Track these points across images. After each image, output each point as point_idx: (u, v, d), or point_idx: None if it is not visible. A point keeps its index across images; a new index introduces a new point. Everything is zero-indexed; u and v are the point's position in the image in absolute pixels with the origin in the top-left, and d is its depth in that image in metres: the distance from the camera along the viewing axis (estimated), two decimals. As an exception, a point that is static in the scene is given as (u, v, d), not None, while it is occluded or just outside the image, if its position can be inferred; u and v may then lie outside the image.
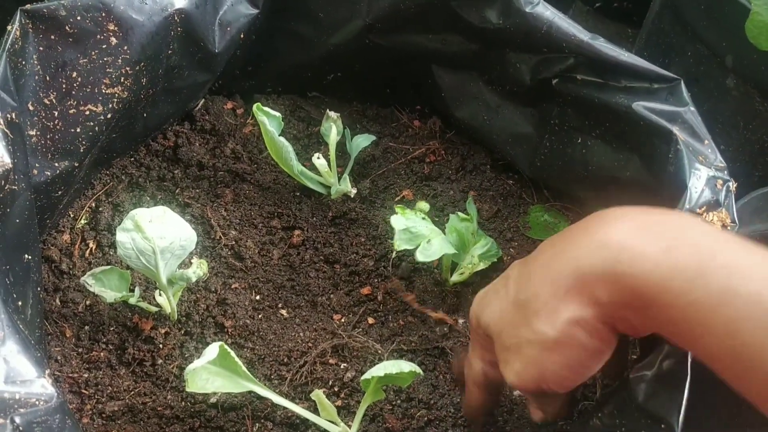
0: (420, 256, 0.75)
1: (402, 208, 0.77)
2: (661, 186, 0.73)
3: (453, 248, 0.78)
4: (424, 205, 0.85)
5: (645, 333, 0.50)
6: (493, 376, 0.61)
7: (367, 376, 0.65)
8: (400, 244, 0.75)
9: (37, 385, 0.50)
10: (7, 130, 0.61)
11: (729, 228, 0.67)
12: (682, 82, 0.75)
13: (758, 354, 0.43)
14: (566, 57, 0.80)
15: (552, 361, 0.52)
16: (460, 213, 0.82)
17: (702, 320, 0.45)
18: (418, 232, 0.76)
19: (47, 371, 0.51)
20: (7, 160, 0.60)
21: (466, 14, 0.85)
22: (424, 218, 0.78)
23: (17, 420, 0.47)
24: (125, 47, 0.73)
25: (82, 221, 0.83)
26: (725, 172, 0.71)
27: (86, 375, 0.73)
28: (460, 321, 0.80)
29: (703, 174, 0.69)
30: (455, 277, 0.82)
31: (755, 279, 0.43)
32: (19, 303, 0.59)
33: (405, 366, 0.64)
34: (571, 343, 0.51)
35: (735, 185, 0.71)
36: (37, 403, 0.50)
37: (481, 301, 0.60)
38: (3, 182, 0.59)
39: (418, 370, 0.65)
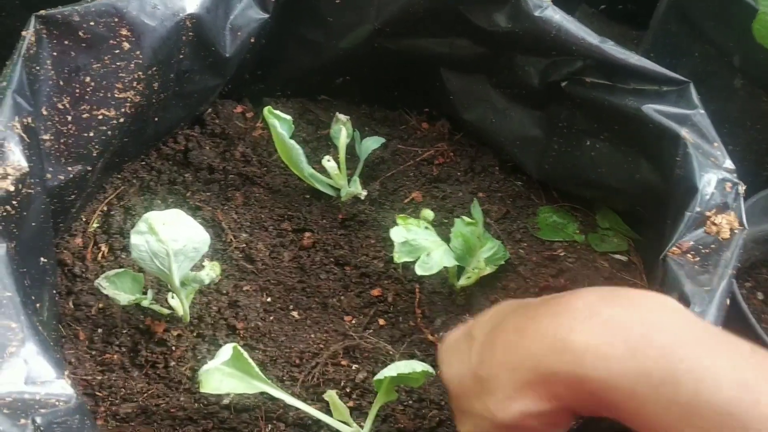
0: (419, 270, 0.75)
1: (404, 219, 0.77)
2: (670, 189, 0.73)
3: (454, 260, 0.78)
4: (428, 213, 0.86)
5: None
6: None
7: (379, 376, 0.65)
8: (399, 256, 0.76)
9: (56, 386, 0.51)
10: (23, 135, 0.61)
11: (737, 231, 0.68)
12: (692, 84, 0.76)
13: None
14: (575, 60, 0.81)
15: None
16: (465, 217, 0.82)
17: (670, 427, 0.42)
18: (418, 244, 0.76)
19: (66, 372, 0.52)
20: (24, 164, 0.60)
21: (474, 18, 0.85)
22: (427, 227, 0.79)
23: (38, 420, 0.48)
24: (138, 52, 0.74)
25: (95, 225, 0.84)
26: (734, 174, 0.71)
27: (100, 377, 0.73)
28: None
29: (713, 177, 0.69)
30: (462, 281, 0.82)
31: (725, 387, 0.41)
32: (37, 305, 0.60)
33: (417, 366, 0.65)
34: (523, 429, 0.50)
35: (744, 188, 0.71)
36: (57, 403, 0.50)
37: (444, 354, 0.59)
38: (20, 186, 0.60)
39: (431, 370, 0.65)
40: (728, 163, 0.70)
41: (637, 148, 0.79)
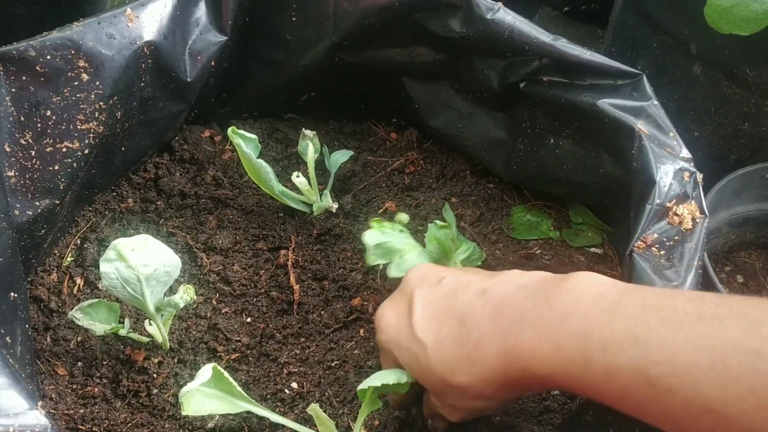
0: (394, 272, 0.74)
1: (379, 222, 0.77)
2: (630, 182, 0.74)
3: (429, 261, 0.77)
4: (403, 217, 0.85)
5: None
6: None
7: (363, 386, 0.65)
8: (372, 259, 0.75)
9: (30, 417, 0.51)
10: (-16, 172, 0.61)
11: (699, 220, 0.68)
12: (645, 76, 0.76)
13: (652, 410, 0.48)
14: (531, 60, 0.81)
15: (490, 411, 0.65)
16: (437, 221, 0.82)
17: (602, 393, 0.51)
18: (392, 246, 0.75)
19: (39, 403, 0.52)
20: (-14, 200, 0.60)
21: (430, 25, 0.86)
22: (402, 231, 0.78)
23: (11, 452, 0.48)
24: (97, 82, 0.74)
25: (69, 259, 0.83)
26: (691, 163, 0.72)
27: (82, 411, 0.72)
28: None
29: (670, 168, 0.70)
30: (442, 284, 0.82)
31: (626, 350, 0.49)
32: (8, 339, 0.60)
33: (401, 375, 0.64)
34: (506, 404, 0.65)
35: (702, 176, 0.71)
36: (30, 434, 0.50)
37: (396, 341, 0.64)
38: (-17, 222, 0.60)
39: (412, 378, 0.65)
40: (685, 153, 0.71)
41: (598, 143, 0.79)
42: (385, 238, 0.75)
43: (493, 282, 0.60)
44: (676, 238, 0.67)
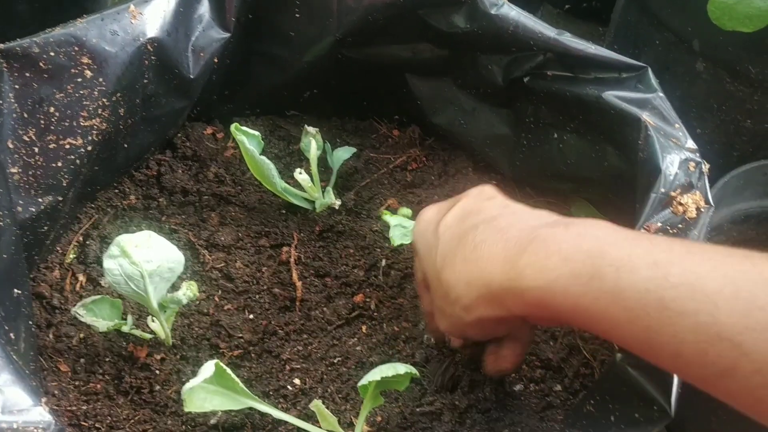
0: (397, 238, 0.77)
1: (388, 213, 0.79)
2: (635, 173, 0.74)
3: None
4: (406, 211, 0.86)
5: (559, 326, 0.56)
6: None
7: (363, 381, 0.65)
8: (395, 239, 0.77)
9: (34, 413, 0.51)
10: (-13, 168, 0.62)
11: (703, 210, 0.68)
12: (650, 69, 0.77)
13: (657, 337, 0.47)
14: (535, 55, 0.81)
15: (469, 331, 0.62)
16: None
17: (603, 316, 0.49)
18: (410, 227, 0.77)
19: (43, 399, 0.52)
20: (-10, 196, 0.60)
21: (434, 21, 0.86)
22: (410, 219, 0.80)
23: (16, 448, 0.48)
24: (100, 79, 0.74)
25: (71, 256, 0.83)
26: (697, 154, 0.72)
27: (85, 407, 0.72)
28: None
29: (675, 158, 0.70)
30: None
31: (641, 270, 0.47)
32: (12, 336, 0.60)
33: (400, 368, 0.64)
34: (483, 326, 0.60)
35: (708, 167, 0.72)
36: (35, 430, 0.50)
37: (417, 237, 0.67)
38: (-12, 218, 0.60)
39: (413, 370, 0.65)
40: (690, 143, 0.71)
41: (602, 136, 0.79)
42: (400, 220, 0.77)
43: (529, 209, 0.60)
44: (680, 226, 0.67)
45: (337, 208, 0.90)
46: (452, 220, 0.62)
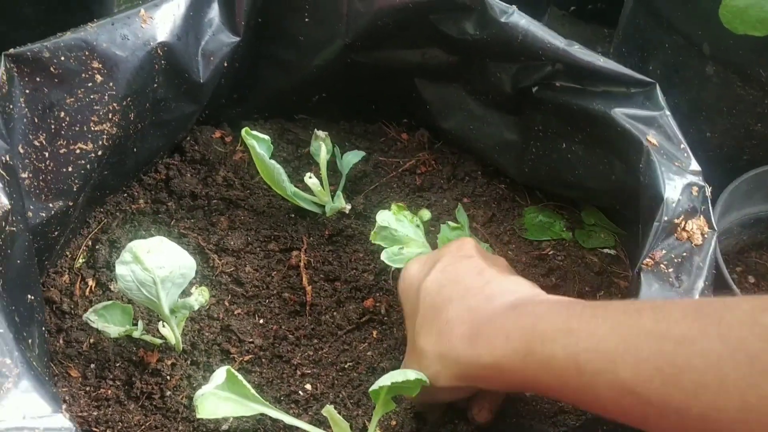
0: (385, 258, 0.76)
1: (401, 207, 0.77)
2: (639, 195, 0.73)
3: None
4: (425, 213, 0.85)
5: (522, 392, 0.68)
6: None
7: (375, 387, 0.64)
8: (374, 237, 0.77)
9: (55, 420, 0.50)
10: (3, 173, 0.61)
11: (708, 234, 0.68)
12: (657, 86, 0.76)
13: (585, 396, 0.53)
14: (544, 64, 0.81)
15: (439, 395, 0.67)
16: (450, 222, 0.82)
17: (543, 384, 0.56)
18: (396, 235, 0.77)
19: (63, 406, 0.51)
20: (6, 201, 0.60)
21: (444, 27, 0.86)
22: (418, 226, 0.78)
23: (39, 455, 0.47)
24: (111, 84, 0.74)
25: (80, 260, 0.83)
26: (700, 177, 0.71)
27: (95, 413, 0.72)
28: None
29: (678, 183, 0.70)
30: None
31: (559, 339, 0.53)
32: (29, 341, 0.59)
33: (411, 374, 0.64)
34: (452, 392, 0.66)
35: (710, 189, 0.71)
36: (56, 437, 0.50)
37: (402, 292, 0.72)
38: (3, 224, 0.59)
39: (424, 377, 0.65)
40: (694, 166, 0.70)
41: (609, 151, 0.79)
42: (395, 224, 0.76)
43: (499, 279, 0.65)
44: (685, 254, 0.67)
45: (346, 212, 0.90)
46: (432, 285, 0.67)
